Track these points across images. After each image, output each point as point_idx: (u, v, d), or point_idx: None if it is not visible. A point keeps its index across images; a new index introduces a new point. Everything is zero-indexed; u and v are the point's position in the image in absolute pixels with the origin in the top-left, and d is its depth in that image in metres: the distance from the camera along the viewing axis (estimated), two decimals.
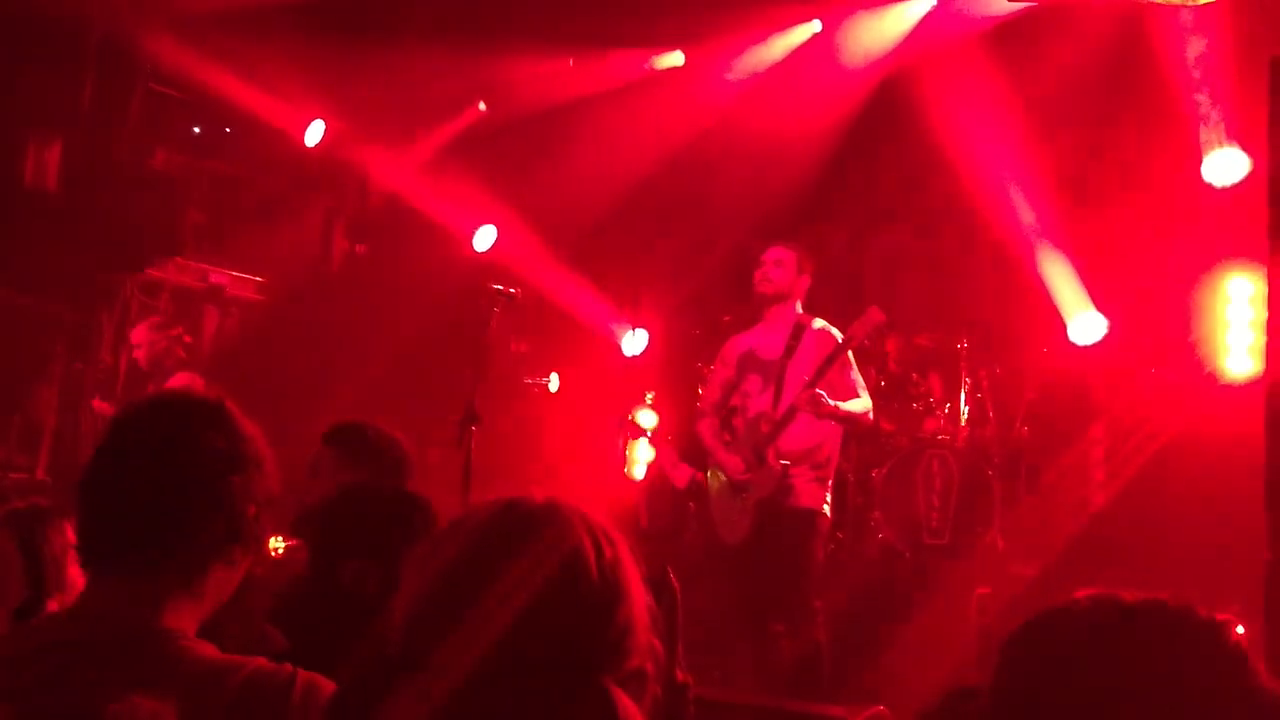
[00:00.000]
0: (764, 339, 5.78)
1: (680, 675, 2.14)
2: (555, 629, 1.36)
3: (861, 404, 5.61)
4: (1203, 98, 6.54)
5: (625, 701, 1.38)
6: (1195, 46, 6.39)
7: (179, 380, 6.24)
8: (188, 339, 6.72)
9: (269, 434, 1.81)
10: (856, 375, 5.69)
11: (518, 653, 1.34)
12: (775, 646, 5.39)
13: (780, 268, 5.71)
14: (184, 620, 1.72)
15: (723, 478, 5.70)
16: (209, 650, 1.69)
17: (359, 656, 1.43)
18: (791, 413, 5.48)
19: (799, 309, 5.77)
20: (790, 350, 5.62)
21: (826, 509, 5.59)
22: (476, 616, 1.29)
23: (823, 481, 5.58)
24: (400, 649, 1.36)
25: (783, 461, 5.47)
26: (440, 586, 1.37)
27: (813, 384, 5.42)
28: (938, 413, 7.41)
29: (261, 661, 1.69)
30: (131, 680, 1.60)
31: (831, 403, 5.42)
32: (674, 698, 2.08)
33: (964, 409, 7.28)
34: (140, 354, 6.78)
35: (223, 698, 1.61)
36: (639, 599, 1.41)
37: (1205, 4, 4.08)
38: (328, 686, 1.61)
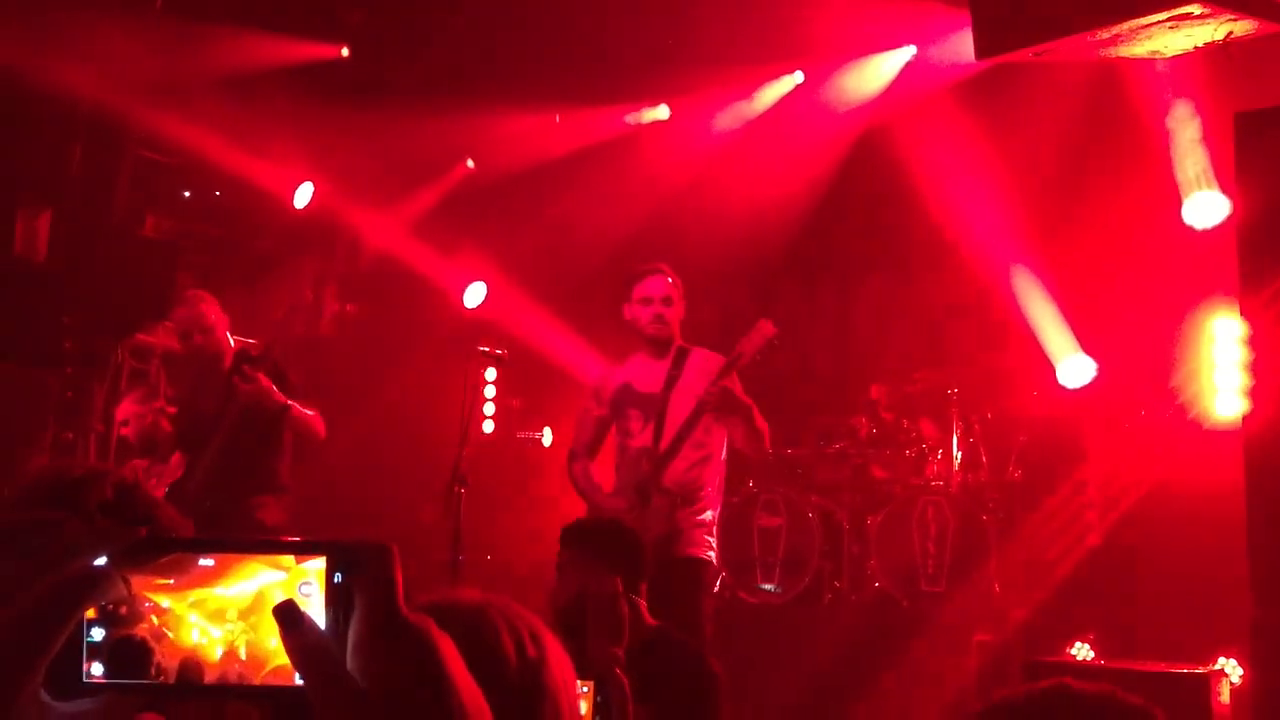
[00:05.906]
0: (641, 372, 5.30)
1: None
2: None
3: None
4: (1179, 143, 6.60)
5: None
6: (1171, 94, 6.46)
7: (177, 460, 5.91)
8: (171, 410, 6.50)
9: None
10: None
11: None
12: None
13: (672, 306, 5.24)
14: None
15: None
16: None
17: None
18: (675, 447, 5.07)
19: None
20: (672, 381, 5.18)
21: (713, 556, 5.16)
22: None
23: (707, 528, 5.15)
24: None
25: (670, 496, 5.02)
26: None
27: (717, 381, 4.96)
28: (930, 459, 7.41)
29: None
30: None
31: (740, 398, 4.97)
32: None
33: (957, 454, 7.28)
34: (129, 430, 6.44)
35: None
36: (565, 699, 1.40)
37: (1175, 56, 4.14)
38: None
